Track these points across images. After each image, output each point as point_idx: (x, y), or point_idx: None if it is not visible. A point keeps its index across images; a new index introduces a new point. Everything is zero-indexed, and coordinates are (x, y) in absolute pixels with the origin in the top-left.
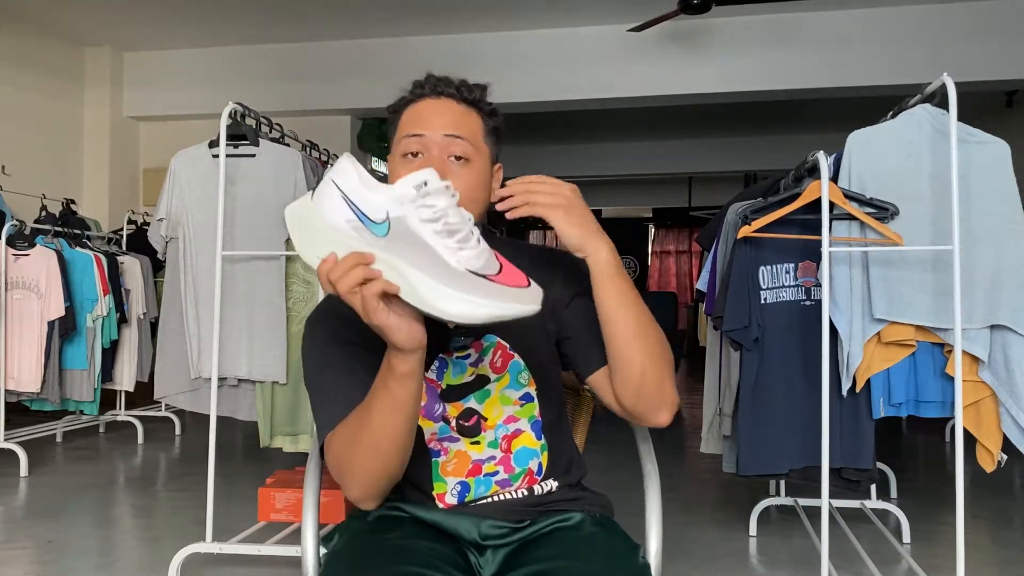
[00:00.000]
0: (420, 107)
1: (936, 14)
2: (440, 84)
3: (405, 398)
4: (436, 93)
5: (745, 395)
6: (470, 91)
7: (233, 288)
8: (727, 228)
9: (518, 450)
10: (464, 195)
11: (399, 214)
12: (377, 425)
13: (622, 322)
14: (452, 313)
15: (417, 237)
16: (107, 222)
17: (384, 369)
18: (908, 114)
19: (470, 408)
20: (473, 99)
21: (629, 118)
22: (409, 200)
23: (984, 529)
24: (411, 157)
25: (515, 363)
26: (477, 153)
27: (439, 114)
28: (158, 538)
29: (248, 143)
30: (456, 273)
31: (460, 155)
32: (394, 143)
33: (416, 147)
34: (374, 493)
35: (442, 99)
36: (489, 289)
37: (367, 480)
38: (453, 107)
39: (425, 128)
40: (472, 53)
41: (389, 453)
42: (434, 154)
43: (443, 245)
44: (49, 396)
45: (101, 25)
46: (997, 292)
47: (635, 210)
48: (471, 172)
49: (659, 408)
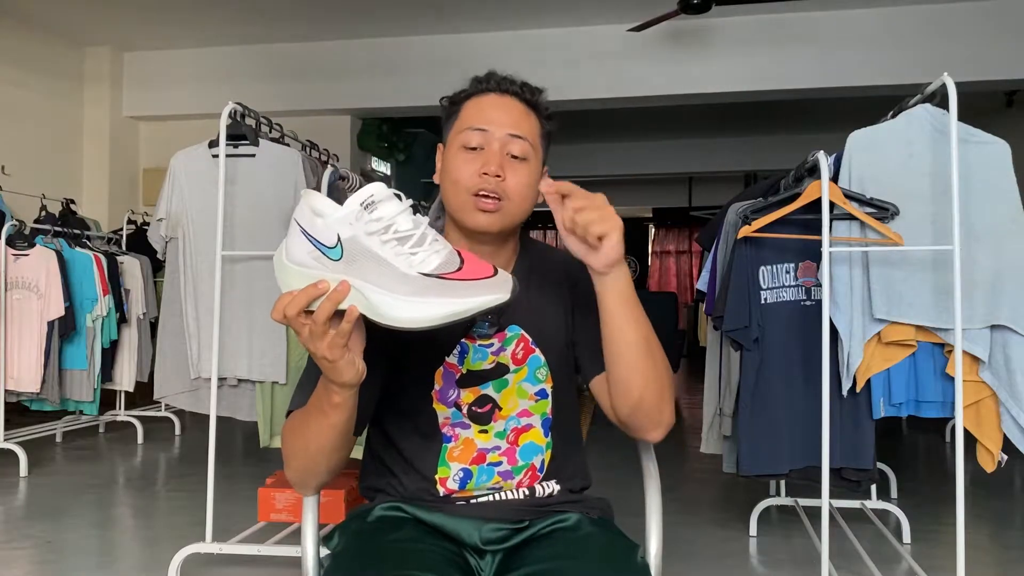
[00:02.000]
0: (484, 102)
1: (936, 14)
2: (504, 82)
3: (336, 420)
4: (501, 90)
5: (745, 395)
6: (532, 93)
7: (233, 288)
8: (727, 228)
9: (525, 444)
10: (519, 191)
11: (349, 235)
12: (312, 431)
13: (629, 344)
14: (405, 319)
15: (370, 252)
16: (107, 222)
17: (321, 391)
18: (908, 114)
19: (486, 395)
20: (535, 101)
21: (629, 118)
22: (355, 218)
23: (984, 529)
24: (471, 150)
25: (535, 357)
26: (534, 154)
27: (504, 111)
28: (158, 538)
29: (248, 143)
30: (408, 278)
31: (518, 154)
32: (452, 134)
33: (478, 141)
34: (307, 482)
35: (506, 97)
36: (444, 287)
37: (298, 468)
38: (517, 106)
39: (489, 124)
40: (472, 53)
41: (316, 456)
42: (495, 149)
43: (395, 254)
44: (49, 396)
45: (101, 25)
46: (997, 292)
47: (635, 210)
48: (527, 170)
49: (653, 428)
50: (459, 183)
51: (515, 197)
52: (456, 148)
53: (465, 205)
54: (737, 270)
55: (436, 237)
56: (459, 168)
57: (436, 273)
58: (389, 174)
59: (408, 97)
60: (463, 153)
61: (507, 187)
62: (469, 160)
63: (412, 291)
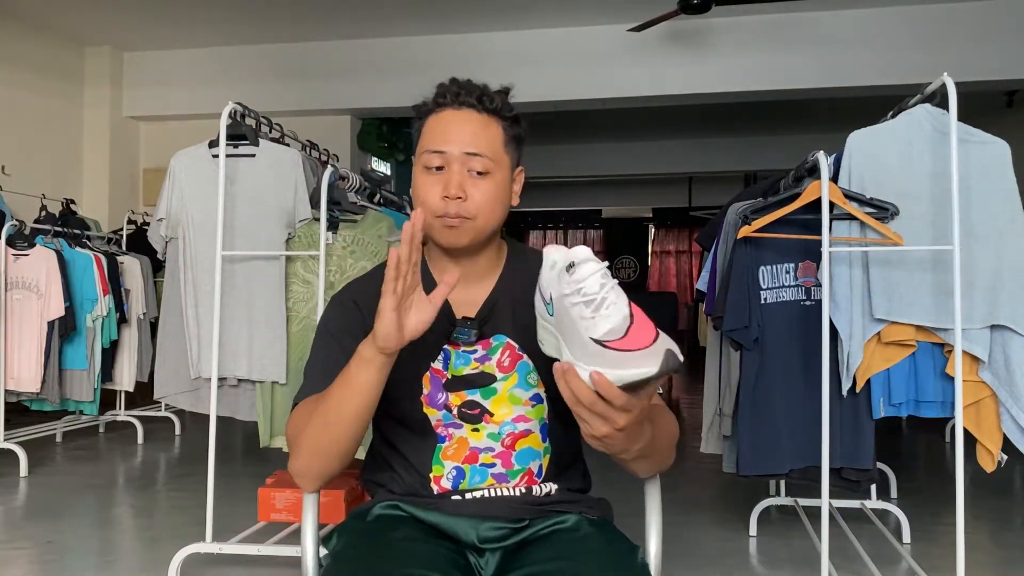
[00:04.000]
0: (442, 119)
1: (936, 14)
2: (461, 93)
3: (360, 385)
4: (458, 103)
5: (745, 395)
6: (491, 100)
7: (233, 288)
8: (727, 228)
9: (522, 449)
10: (483, 207)
11: (556, 294)
12: (332, 404)
13: (638, 468)
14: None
15: (566, 313)
16: (107, 222)
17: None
18: (908, 114)
19: (474, 400)
20: (494, 108)
21: (629, 118)
22: (557, 279)
23: (984, 529)
24: (434, 171)
25: (523, 363)
26: (497, 165)
27: (460, 129)
28: (158, 538)
29: (248, 143)
30: (583, 342)
31: (481, 170)
32: (417, 152)
33: (438, 162)
34: (314, 469)
35: (463, 110)
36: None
37: (310, 452)
38: (474, 119)
39: (446, 144)
40: (472, 53)
41: (335, 432)
42: (455, 169)
43: (580, 316)
44: (49, 396)
45: (101, 25)
46: (997, 292)
47: (635, 210)
48: (491, 185)
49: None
50: (426, 205)
51: (481, 213)
52: (420, 169)
53: (433, 225)
54: (737, 270)
55: (615, 300)
56: (425, 191)
57: (603, 340)
58: (389, 174)
59: (408, 97)
60: (426, 175)
61: (470, 206)
62: (432, 183)
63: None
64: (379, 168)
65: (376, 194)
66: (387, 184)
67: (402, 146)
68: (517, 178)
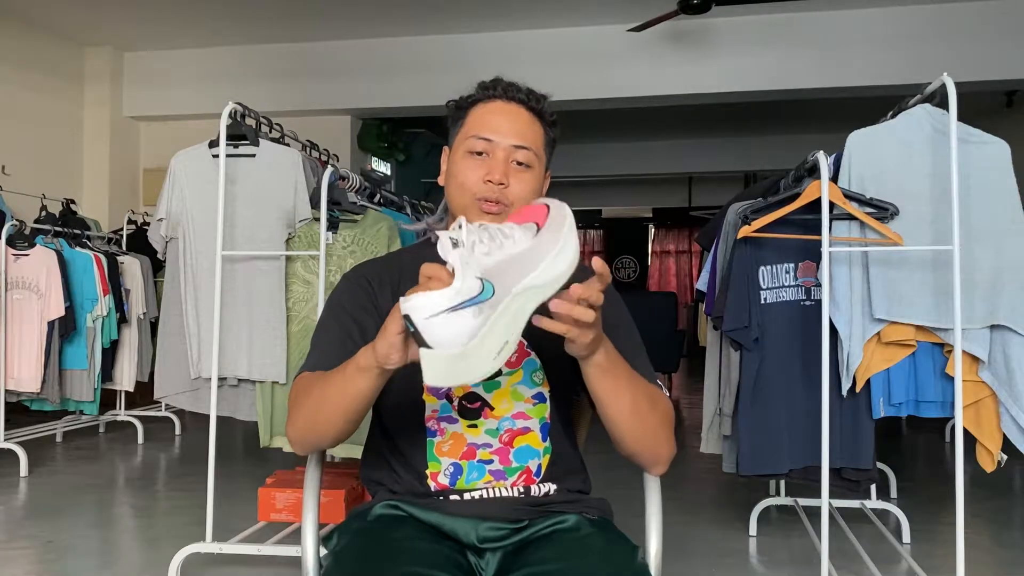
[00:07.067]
0: (492, 108)
1: (936, 14)
2: (511, 89)
3: (356, 390)
4: (507, 97)
5: (745, 395)
6: (538, 101)
7: (233, 288)
8: (727, 228)
9: (520, 447)
10: (520, 197)
11: (479, 272)
12: (330, 393)
13: (618, 412)
14: (563, 270)
15: (498, 266)
16: (107, 222)
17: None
18: (908, 114)
19: (476, 393)
20: (540, 109)
21: (629, 118)
22: (469, 254)
23: (984, 529)
24: (476, 156)
25: (530, 360)
26: (538, 161)
27: (510, 120)
28: (158, 538)
29: (248, 143)
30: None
31: (523, 161)
32: (458, 139)
33: (482, 148)
34: (308, 442)
35: (512, 104)
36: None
37: (304, 427)
38: (522, 114)
39: (495, 133)
40: (472, 53)
41: (330, 418)
42: (499, 157)
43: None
44: (49, 396)
45: (101, 25)
46: (997, 292)
47: (635, 210)
48: (531, 178)
49: (652, 466)
50: (465, 187)
51: (517, 203)
52: (462, 153)
53: (470, 207)
54: (737, 270)
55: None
56: (465, 173)
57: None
58: (389, 174)
59: (408, 97)
60: (469, 159)
61: (509, 194)
62: (474, 166)
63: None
64: (379, 168)
65: (376, 194)
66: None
67: (402, 146)
68: (545, 182)
